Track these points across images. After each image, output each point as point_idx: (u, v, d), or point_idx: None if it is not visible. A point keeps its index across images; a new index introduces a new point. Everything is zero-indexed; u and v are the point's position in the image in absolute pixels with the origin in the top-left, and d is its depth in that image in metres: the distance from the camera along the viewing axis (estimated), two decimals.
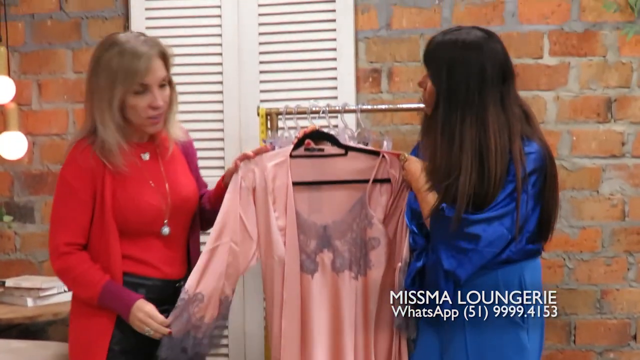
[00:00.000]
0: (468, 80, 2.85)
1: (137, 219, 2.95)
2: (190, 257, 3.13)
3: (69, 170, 2.95)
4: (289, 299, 3.09)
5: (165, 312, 2.98)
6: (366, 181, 3.12)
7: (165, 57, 2.98)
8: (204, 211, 3.21)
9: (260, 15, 4.29)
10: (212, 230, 3.09)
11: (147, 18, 4.36)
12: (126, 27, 4.40)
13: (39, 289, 4.06)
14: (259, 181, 3.13)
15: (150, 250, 3.00)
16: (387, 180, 3.13)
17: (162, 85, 2.97)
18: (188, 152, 3.22)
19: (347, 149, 3.18)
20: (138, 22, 4.36)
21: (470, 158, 2.82)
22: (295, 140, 3.19)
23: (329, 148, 3.19)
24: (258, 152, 3.15)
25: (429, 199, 2.92)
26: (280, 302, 3.10)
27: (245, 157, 3.13)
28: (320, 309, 3.11)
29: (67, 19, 4.52)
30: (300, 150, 3.17)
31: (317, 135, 3.20)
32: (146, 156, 3.04)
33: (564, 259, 4.18)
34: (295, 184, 3.14)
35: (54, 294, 4.11)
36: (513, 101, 2.92)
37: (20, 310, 4.00)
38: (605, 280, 4.17)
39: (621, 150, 4.14)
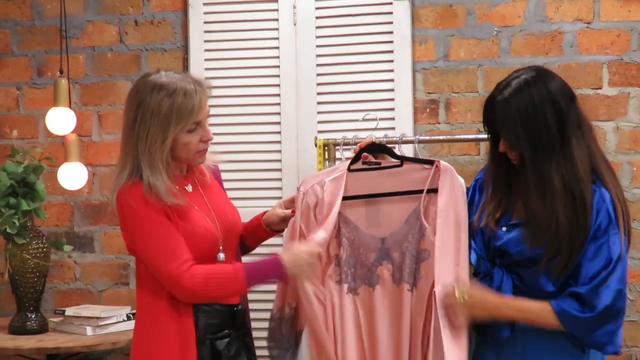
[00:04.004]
0: (547, 121, 2.77)
1: (197, 246, 2.96)
2: None
3: (137, 205, 2.92)
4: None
5: (227, 337, 3.01)
6: (421, 191, 3.10)
7: (207, 93, 3.00)
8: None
9: (317, 46, 4.32)
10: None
11: (206, 50, 4.41)
12: (185, 59, 4.45)
13: (98, 318, 4.08)
14: (320, 195, 3.13)
15: None
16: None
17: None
18: (218, 177, 3.25)
19: (402, 159, 3.15)
20: (197, 54, 4.41)
21: (562, 201, 2.76)
22: (353, 155, 3.18)
23: (385, 161, 3.18)
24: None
25: (528, 307, 2.84)
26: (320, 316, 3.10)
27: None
28: (383, 322, 3.09)
29: (126, 51, 4.59)
30: (359, 164, 3.17)
31: (374, 148, 3.19)
32: (189, 188, 3.06)
33: None
34: (353, 197, 3.14)
35: (113, 323, 4.12)
36: (585, 119, 2.88)
37: (79, 339, 4.02)
38: None
39: None
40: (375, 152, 3.18)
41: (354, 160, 3.17)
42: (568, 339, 2.81)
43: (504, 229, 2.93)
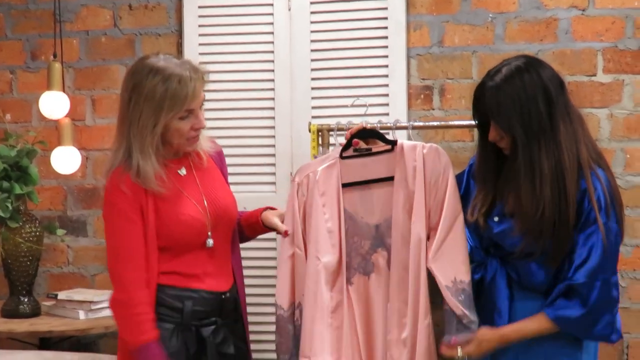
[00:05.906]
0: (538, 107, 2.78)
1: (182, 234, 2.97)
2: (233, 270, 3.16)
3: (114, 195, 2.96)
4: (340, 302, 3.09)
5: (213, 324, 3.02)
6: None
7: (203, 80, 2.99)
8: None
9: (312, 32, 4.31)
10: (283, 240, 3.16)
11: (201, 35, 4.40)
12: (179, 44, 4.44)
13: (90, 302, 4.09)
14: (312, 185, 3.12)
15: (197, 263, 3.03)
16: None
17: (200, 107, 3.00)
18: (222, 163, 3.24)
19: (393, 143, 3.14)
20: (191, 39, 4.40)
21: (550, 187, 2.76)
22: (344, 142, 3.17)
23: (377, 146, 3.16)
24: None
25: (527, 326, 2.87)
26: (322, 306, 3.06)
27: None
28: (379, 309, 3.08)
29: (120, 35, 4.57)
30: (350, 151, 3.16)
31: (364, 134, 3.17)
32: (183, 171, 3.07)
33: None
34: (345, 185, 3.13)
35: (106, 307, 4.12)
36: (574, 107, 2.87)
37: (72, 323, 4.03)
38: None
39: None
40: (366, 138, 3.17)
41: (346, 147, 3.16)
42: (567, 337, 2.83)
43: (495, 218, 2.92)
